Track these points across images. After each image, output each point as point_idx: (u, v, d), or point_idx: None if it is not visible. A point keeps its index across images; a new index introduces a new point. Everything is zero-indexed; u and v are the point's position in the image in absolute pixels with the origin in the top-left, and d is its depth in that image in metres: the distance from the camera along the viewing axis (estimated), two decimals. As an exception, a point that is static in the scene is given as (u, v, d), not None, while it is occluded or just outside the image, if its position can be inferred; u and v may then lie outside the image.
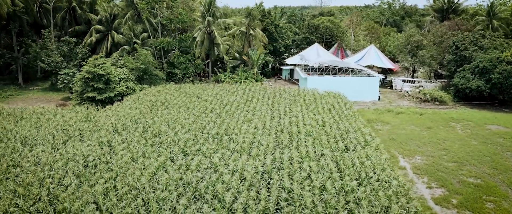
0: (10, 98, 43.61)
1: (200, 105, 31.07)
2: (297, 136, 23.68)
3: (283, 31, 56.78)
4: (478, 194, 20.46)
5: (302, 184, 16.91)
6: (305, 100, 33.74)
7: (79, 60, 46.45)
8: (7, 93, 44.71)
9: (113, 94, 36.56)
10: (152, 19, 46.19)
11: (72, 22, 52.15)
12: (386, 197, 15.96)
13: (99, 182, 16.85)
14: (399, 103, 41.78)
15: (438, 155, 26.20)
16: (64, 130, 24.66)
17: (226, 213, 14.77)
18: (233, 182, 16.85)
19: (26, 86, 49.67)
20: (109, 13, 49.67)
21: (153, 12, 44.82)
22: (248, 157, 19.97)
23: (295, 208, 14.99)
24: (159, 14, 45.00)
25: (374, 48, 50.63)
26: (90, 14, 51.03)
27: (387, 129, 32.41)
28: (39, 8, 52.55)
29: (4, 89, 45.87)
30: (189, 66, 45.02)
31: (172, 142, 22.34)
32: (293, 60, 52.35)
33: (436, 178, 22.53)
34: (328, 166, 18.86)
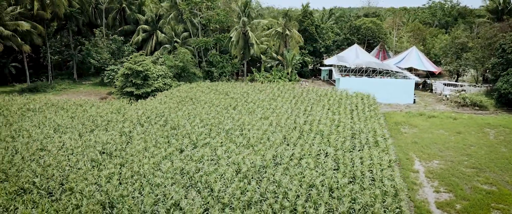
0: (63, 91, 47.72)
1: (225, 102, 32.30)
2: (308, 134, 24.09)
3: (324, 32, 56.69)
4: (487, 201, 19.73)
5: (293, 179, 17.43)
6: (330, 100, 33.84)
7: (126, 57, 49.68)
8: (61, 87, 48.93)
9: (150, 90, 38.88)
10: (193, 19, 48.25)
11: (122, 22, 55.80)
12: (373, 196, 16.09)
13: (108, 167, 18.51)
14: (435, 107, 40.36)
15: (459, 160, 25.34)
16: (94, 120, 26.94)
17: (212, 200, 15.70)
18: (227, 174, 17.77)
19: (80, 81, 53.95)
20: (155, 13, 52.58)
21: (193, 12, 46.84)
22: (251, 151, 20.77)
23: (277, 200, 15.59)
24: (199, 15, 46.96)
25: (416, 50, 49.11)
26: (138, 14, 54.33)
27: (413, 132, 31.66)
28: (95, 9, 56.76)
29: (60, 83, 50.21)
30: (227, 65, 46.53)
31: (186, 134, 23.70)
32: (331, 61, 52.19)
33: (447, 182, 21.95)
34: (326, 164, 19.18)
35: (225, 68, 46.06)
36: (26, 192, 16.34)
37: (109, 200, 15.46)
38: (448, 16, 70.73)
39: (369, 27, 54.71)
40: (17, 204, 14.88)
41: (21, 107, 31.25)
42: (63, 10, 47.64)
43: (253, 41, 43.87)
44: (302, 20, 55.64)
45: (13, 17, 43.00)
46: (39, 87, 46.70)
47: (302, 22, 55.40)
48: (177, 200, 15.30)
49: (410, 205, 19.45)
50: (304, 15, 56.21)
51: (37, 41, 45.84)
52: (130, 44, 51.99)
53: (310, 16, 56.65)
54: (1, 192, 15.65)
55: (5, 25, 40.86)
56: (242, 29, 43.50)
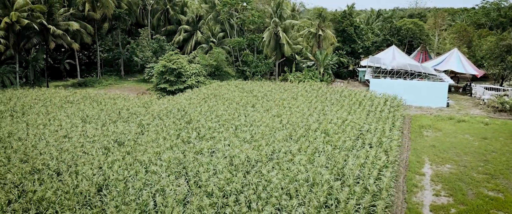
0: (109, 86, 51.38)
1: (247, 100, 33.42)
2: (314, 132, 24.52)
3: (363, 33, 55.97)
4: (487, 207, 19.11)
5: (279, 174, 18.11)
6: (352, 101, 33.79)
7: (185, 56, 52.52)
8: (108, 82, 52.68)
9: (182, 87, 40.97)
10: (229, 20, 49.90)
11: (165, 23, 58.85)
12: (350, 193, 16.41)
13: (115, 154, 20.32)
14: (469, 111, 38.64)
15: (474, 165, 24.47)
16: (120, 112, 29.21)
17: (196, 189, 16.84)
18: (220, 165, 18.85)
19: (126, 77, 57.66)
20: (195, 14, 54.91)
21: (229, 13, 48.44)
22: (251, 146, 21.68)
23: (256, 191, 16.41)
24: (236, 15, 48.48)
25: (457, 53, 47.08)
26: (180, 15, 57.05)
27: (435, 136, 30.80)
28: (142, 10, 60.35)
29: (107, 79, 54.05)
30: (260, 65, 47.62)
31: (197, 128, 25.11)
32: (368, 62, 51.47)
33: (451, 187, 21.43)
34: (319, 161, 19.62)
35: (258, 68, 47.16)
36: (39, 172, 18.48)
37: (105, 183, 17.12)
38: (503, 16, 66.55)
39: (409, 28, 53.20)
40: (27, 181, 16.97)
41: (62, 99, 34.45)
42: (111, 11, 51.31)
43: (284, 42, 44.55)
44: (341, 20, 55.35)
45: (66, 18, 47.12)
46: (88, 82, 50.68)
47: (340, 22, 55.12)
48: (163, 186, 16.61)
49: (402, 207, 19.41)
50: (343, 16, 55.87)
51: (87, 40, 49.77)
52: (172, 43, 54.76)
53: (349, 17, 56.19)
54: (17, 171, 17.87)
55: (57, 25, 44.94)
56: (274, 30, 44.30)
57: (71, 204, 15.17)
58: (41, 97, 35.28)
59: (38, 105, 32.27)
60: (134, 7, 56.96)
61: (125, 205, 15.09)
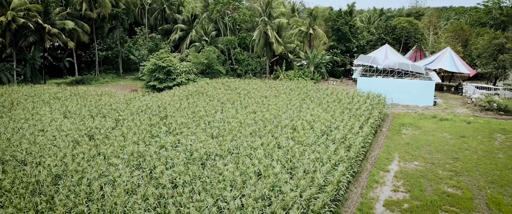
0: (105, 84, 52.53)
1: (229, 97, 33.96)
2: (283, 128, 24.91)
3: (359, 31, 55.96)
4: (440, 203, 19.27)
5: (233, 167, 18.62)
6: (332, 98, 34.02)
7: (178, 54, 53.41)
8: (105, 80, 53.85)
9: (171, 84, 41.76)
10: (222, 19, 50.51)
11: (162, 22, 59.80)
12: (295, 185, 16.79)
13: (83, 147, 21.10)
14: (456, 110, 38.48)
15: (442, 163, 24.56)
16: (101, 109, 30.06)
17: (147, 179, 17.46)
18: (176, 159, 19.45)
19: (124, 75, 58.80)
20: (191, 13, 55.71)
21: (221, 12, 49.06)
22: (215, 141, 22.22)
23: (204, 183, 16.95)
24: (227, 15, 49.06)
25: (450, 52, 46.76)
26: (176, 14, 57.93)
27: (413, 134, 30.88)
28: (141, 9, 61.44)
29: (104, 77, 55.25)
30: (253, 63, 48.11)
31: (169, 124, 25.76)
32: (361, 61, 51.48)
33: (412, 183, 21.61)
34: (275, 156, 20.02)
35: (250, 66, 47.65)
36: (6, 163, 19.34)
37: (63, 173, 17.87)
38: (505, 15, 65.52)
39: (404, 27, 52.99)
40: (-10, 172, 17.84)
41: (51, 95, 35.54)
42: (108, 11, 52.42)
43: (273, 40, 44.92)
44: (336, 19, 55.45)
45: (62, 17, 48.39)
46: (85, 80, 51.92)
47: (335, 21, 55.22)
48: (116, 177, 17.28)
49: (357, 201, 19.72)
50: (338, 14, 55.94)
51: (84, 39, 50.97)
52: (168, 42, 55.66)
53: (345, 15, 56.24)
54: (-16, 162, 18.78)
55: (53, 24, 46.21)
56: (263, 28, 44.73)
57: (24, 192, 15.93)
58: (32, 93, 36.43)
59: (27, 101, 33.39)
60: (132, 7, 58.05)
61: (74, 194, 15.78)
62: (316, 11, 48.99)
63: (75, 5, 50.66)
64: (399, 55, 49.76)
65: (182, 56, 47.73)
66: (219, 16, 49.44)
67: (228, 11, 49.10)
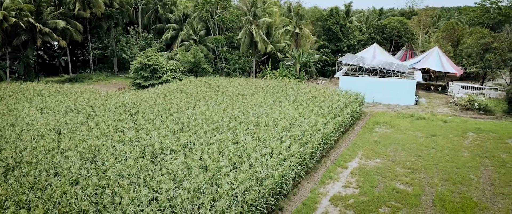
0: (98, 82, 53.57)
1: (205, 94, 34.50)
2: (247, 125, 25.33)
3: (350, 31, 56.04)
4: (387, 199, 19.48)
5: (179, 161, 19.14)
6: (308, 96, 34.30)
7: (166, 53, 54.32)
8: (98, 78, 54.92)
9: (157, 82, 42.52)
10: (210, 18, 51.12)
11: (156, 21, 60.71)
12: (235, 180, 17.22)
13: (47, 140, 21.86)
14: (437, 109, 38.42)
15: (404, 160, 24.72)
16: (78, 105, 30.87)
17: (96, 171, 18.09)
18: (129, 153, 20.05)
19: (119, 73, 59.83)
20: (182, 13, 56.49)
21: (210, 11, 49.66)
22: (177, 136, 22.79)
23: (147, 176, 17.51)
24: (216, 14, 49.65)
25: (437, 51, 46.55)
26: (169, 14, 58.74)
27: (385, 132, 31.03)
28: (136, 9, 62.45)
29: (98, 75, 56.32)
30: (240, 62, 48.63)
31: (137, 119, 26.41)
32: (346, 60, 51.50)
33: (366, 179, 21.85)
34: (227, 151, 20.48)
35: (237, 65, 48.16)
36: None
37: (16, 165, 18.62)
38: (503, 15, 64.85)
39: (394, 26, 52.87)
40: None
41: (36, 92, 36.54)
42: (102, 10, 53.47)
43: (257, 39, 45.34)
44: (327, 19, 55.64)
45: (55, 16, 49.58)
46: (79, 78, 53.06)
47: (326, 21, 55.41)
48: (65, 168, 17.94)
49: (305, 196, 20.05)
50: (330, 14, 56.10)
51: (77, 38, 52.07)
52: (160, 41, 56.54)
53: (336, 15, 56.37)
54: None
55: (45, 23, 47.40)
56: (248, 28, 45.18)
57: (-28, 181, 16.69)
58: (18, 90, 37.50)
59: (10, 97, 34.42)
60: (127, 6, 59.07)
61: (20, 183, 16.49)
62: (303, 10, 49.20)
63: (68, 5, 51.81)
64: (388, 54, 49.76)
65: (170, 55, 48.49)
66: (208, 15, 50.09)
67: (217, 10, 49.68)
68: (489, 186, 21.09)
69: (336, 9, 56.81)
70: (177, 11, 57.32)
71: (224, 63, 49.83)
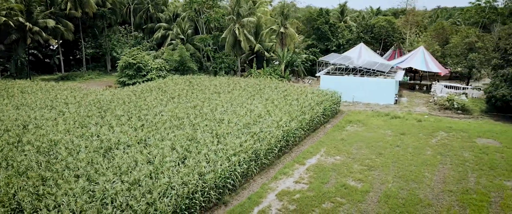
0: (90, 80, 54.54)
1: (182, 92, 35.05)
2: (210, 122, 25.78)
3: (339, 30, 56.14)
4: (333, 195, 19.73)
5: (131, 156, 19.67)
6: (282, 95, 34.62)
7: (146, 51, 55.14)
8: (90, 76, 55.89)
9: (141, 80, 43.22)
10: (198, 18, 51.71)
11: (147, 21, 61.54)
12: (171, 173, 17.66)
13: (10, 135, 22.61)
14: (415, 109, 38.42)
15: (364, 158, 24.90)
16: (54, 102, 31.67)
17: (46, 164, 18.71)
18: (84, 147, 20.67)
19: (112, 72, 60.75)
20: (172, 13, 57.22)
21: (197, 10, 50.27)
22: (136, 132, 23.35)
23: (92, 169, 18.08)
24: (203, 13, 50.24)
25: (422, 51, 46.45)
26: (159, 13, 59.54)
27: (355, 130, 31.23)
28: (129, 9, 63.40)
29: (90, 73, 57.30)
30: (226, 61, 49.14)
31: (104, 116, 27.05)
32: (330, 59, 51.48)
33: (319, 175, 22.11)
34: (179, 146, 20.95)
35: (223, 64, 48.68)
36: None
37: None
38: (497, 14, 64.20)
39: (382, 26, 52.84)
40: None
41: (20, 89, 37.51)
42: (93, 10, 54.44)
43: (241, 38, 45.76)
44: (316, 18, 55.83)
45: (46, 16, 50.64)
46: (70, 76, 54.08)
47: (315, 20, 55.60)
48: (19, 160, 18.61)
49: (253, 190, 20.41)
50: (319, 14, 56.28)
51: (68, 37, 53.11)
52: (151, 40, 57.35)
53: (326, 15, 56.53)
54: None
55: (36, 22, 48.48)
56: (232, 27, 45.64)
57: None
58: (3, 87, 38.50)
59: (-7, 95, 35.40)
60: (120, 6, 59.99)
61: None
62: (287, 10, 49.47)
63: (60, 4, 52.86)
64: (374, 54, 49.76)
65: (157, 53, 49.22)
66: (196, 14, 50.69)
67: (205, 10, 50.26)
68: (440, 184, 21.22)
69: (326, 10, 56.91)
70: (167, 11, 58.09)
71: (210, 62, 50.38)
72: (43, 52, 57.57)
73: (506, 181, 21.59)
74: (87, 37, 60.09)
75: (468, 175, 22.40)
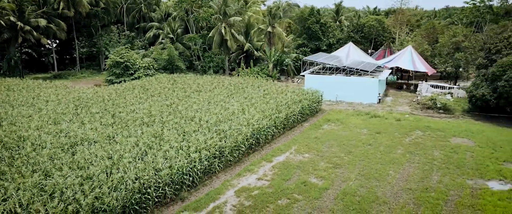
0: (81, 78, 55.21)
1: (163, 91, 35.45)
2: (180, 120, 26.10)
3: (330, 30, 56.20)
4: (291, 191, 19.88)
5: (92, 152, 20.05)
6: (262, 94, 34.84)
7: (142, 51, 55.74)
8: (82, 75, 56.55)
9: (128, 79, 43.70)
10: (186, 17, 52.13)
11: (140, 20, 62.10)
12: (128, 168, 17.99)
13: None
14: (397, 108, 38.41)
15: (332, 156, 25.02)
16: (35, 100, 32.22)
17: (8, 159, 19.15)
18: (49, 143, 21.09)
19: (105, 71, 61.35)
20: (164, 12, 57.70)
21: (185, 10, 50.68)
22: (103, 129, 23.74)
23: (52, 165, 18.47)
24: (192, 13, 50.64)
25: (410, 50, 46.35)
26: (152, 13, 60.06)
27: (331, 129, 31.35)
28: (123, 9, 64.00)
29: (83, 72, 57.98)
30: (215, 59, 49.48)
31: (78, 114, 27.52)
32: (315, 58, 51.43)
33: (283, 173, 22.27)
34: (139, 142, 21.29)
35: (212, 63, 49.02)
36: None
37: None
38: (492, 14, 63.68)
39: (372, 25, 52.79)
40: None
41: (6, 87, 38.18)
42: (86, 10, 55.06)
43: (227, 37, 46.03)
44: (307, 18, 55.94)
45: (38, 15, 51.38)
46: (63, 75, 54.82)
47: (306, 20, 55.72)
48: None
49: (214, 187, 20.67)
50: (310, 13, 56.38)
51: (61, 36, 53.81)
52: (143, 39, 57.90)
53: (317, 14, 56.61)
54: None
55: (28, 22, 49.23)
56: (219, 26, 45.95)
57: None
58: (-11, 85, 39.23)
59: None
60: (113, 6, 60.59)
61: None
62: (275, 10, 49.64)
63: (53, 4, 53.58)
64: (362, 53, 49.73)
65: (147, 52, 49.72)
66: (185, 14, 51.10)
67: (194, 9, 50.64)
68: (402, 182, 21.29)
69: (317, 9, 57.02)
70: (159, 10, 58.62)
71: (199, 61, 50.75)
72: (38, 51, 58.35)
73: (468, 180, 21.60)
74: (82, 36, 60.80)
75: (432, 174, 22.45)
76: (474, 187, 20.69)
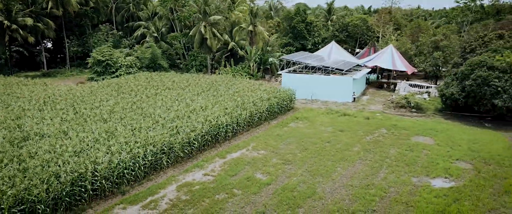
0: (70, 76, 55.98)
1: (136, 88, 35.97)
2: (139, 116, 26.58)
3: (315, 29, 56.33)
4: (231, 186, 20.20)
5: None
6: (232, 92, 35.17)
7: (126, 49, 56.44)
8: (71, 73, 57.39)
9: (109, 77, 44.37)
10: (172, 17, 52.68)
11: (129, 19, 62.83)
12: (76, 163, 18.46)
13: None
14: (370, 107, 38.46)
15: (287, 152, 25.26)
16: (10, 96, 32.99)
17: None
18: (2, 138, 21.71)
19: (95, 70, 62.29)
20: (151, 12, 58.35)
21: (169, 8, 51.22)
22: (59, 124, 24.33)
23: None
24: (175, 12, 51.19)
25: (391, 49, 46.30)
26: (139, 12, 60.75)
27: (296, 126, 31.56)
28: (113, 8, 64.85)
29: (72, 71, 58.82)
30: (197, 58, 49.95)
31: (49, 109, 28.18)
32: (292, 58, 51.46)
33: (231, 168, 22.56)
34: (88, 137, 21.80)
35: (194, 61, 49.49)
36: None
37: None
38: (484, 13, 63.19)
39: (356, 24, 52.79)
40: None
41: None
42: (75, 9, 55.92)
43: (207, 36, 46.44)
44: (293, 17, 56.15)
45: (26, 14, 52.35)
46: (52, 73, 55.75)
47: (292, 19, 55.93)
48: None
49: (158, 182, 21.07)
50: (296, 12, 56.58)
51: (49, 35, 54.73)
52: (131, 38, 58.61)
53: (303, 13, 56.79)
54: None
55: (15, 20, 50.22)
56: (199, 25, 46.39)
57: None
58: (-27, 83, 40.14)
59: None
60: (103, 5, 61.43)
61: None
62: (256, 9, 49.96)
63: (41, 3, 54.54)
64: (345, 52, 49.78)
65: (130, 51, 50.39)
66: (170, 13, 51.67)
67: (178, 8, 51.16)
68: (346, 179, 21.47)
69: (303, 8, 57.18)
70: (146, 10, 59.31)
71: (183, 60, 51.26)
72: (29, 50, 59.40)
73: (414, 178, 21.72)
74: (74, 35, 61.71)
75: (379, 171, 22.59)
76: (417, 185, 20.81)
